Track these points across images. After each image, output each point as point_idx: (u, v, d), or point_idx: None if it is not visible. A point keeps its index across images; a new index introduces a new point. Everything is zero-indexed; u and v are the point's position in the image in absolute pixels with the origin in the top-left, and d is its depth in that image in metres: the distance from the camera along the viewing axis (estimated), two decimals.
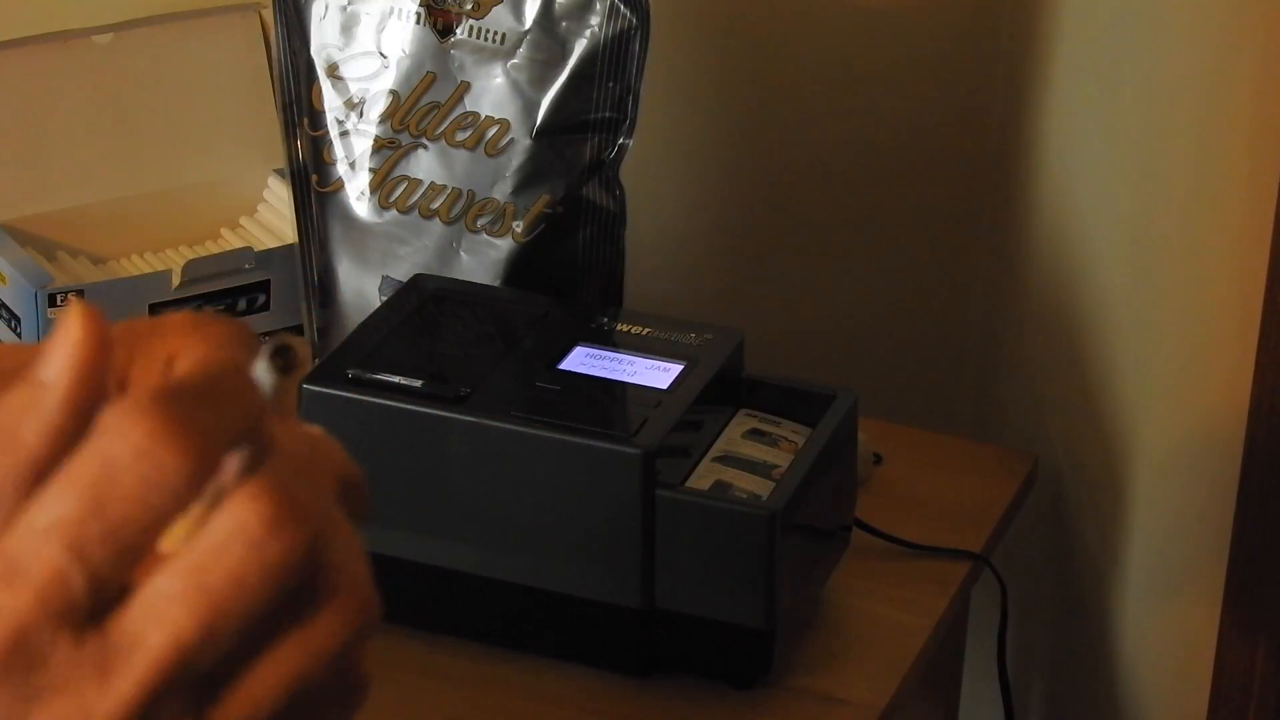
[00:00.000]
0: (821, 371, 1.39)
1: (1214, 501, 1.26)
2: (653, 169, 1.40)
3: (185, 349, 0.44)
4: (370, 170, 1.24)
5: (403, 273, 1.23)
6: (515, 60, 1.21)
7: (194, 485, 0.40)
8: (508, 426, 1.04)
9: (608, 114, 1.21)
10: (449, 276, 1.22)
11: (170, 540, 0.41)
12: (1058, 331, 1.34)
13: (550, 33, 1.20)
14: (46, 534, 0.40)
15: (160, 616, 0.40)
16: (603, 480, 1.03)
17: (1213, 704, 1.29)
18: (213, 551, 0.40)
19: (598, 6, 1.19)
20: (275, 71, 1.28)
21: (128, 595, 0.41)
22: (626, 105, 1.20)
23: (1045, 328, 1.36)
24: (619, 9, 1.19)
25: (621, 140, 1.21)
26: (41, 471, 0.41)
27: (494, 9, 1.21)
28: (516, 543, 1.05)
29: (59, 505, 0.40)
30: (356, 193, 1.25)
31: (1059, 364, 1.35)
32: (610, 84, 1.20)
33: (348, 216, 1.25)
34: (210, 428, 0.41)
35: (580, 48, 1.20)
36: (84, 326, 0.41)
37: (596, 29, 1.19)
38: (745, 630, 1.04)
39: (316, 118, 1.25)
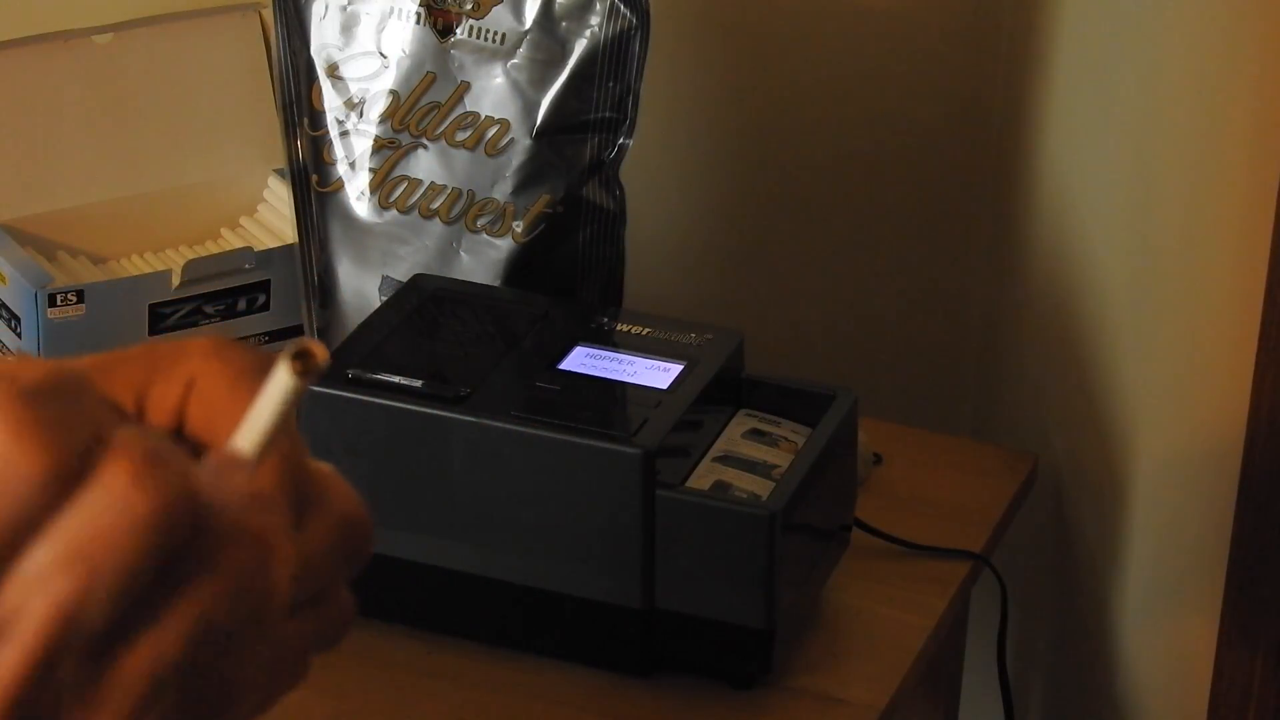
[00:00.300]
0: (821, 371, 1.39)
1: (1214, 502, 1.26)
2: (653, 169, 1.40)
3: (206, 373, 0.45)
4: (370, 170, 1.24)
5: (403, 273, 1.23)
6: (515, 60, 1.21)
7: (56, 483, 0.41)
8: (508, 426, 1.04)
9: (608, 114, 1.21)
10: (449, 276, 1.22)
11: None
12: (1058, 332, 1.34)
13: (550, 33, 1.20)
14: None
15: (40, 585, 0.41)
16: (603, 480, 1.03)
17: (1212, 704, 1.29)
18: (83, 515, 0.41)
19: (598, 6, 1.19)
20: (275, 71, 1.28)
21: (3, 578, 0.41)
22: (626, 105, 1.20)
23: (1045, 328, 1.36)
24: (619, 9, 1.19)
25: (621, 140, 1.21)
26: None
27: (494, 9, 1.21)
28: (516, 543, 1.05)
29: None
30: (356, 193, 1.25)
31: (1059, 364, 1.35)
32: (610, 84, 1.20)
33: (348, 216, 1.25)
34: (66, 424, 0.41)
35: (580, 48, 1.20)
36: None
37: (596, 29, 1.19)
38: (745, 630, 1.04)
39: (316, 118, 1.25)
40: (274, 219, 1.40)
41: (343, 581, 0.47)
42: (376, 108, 1.24)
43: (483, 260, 1.22)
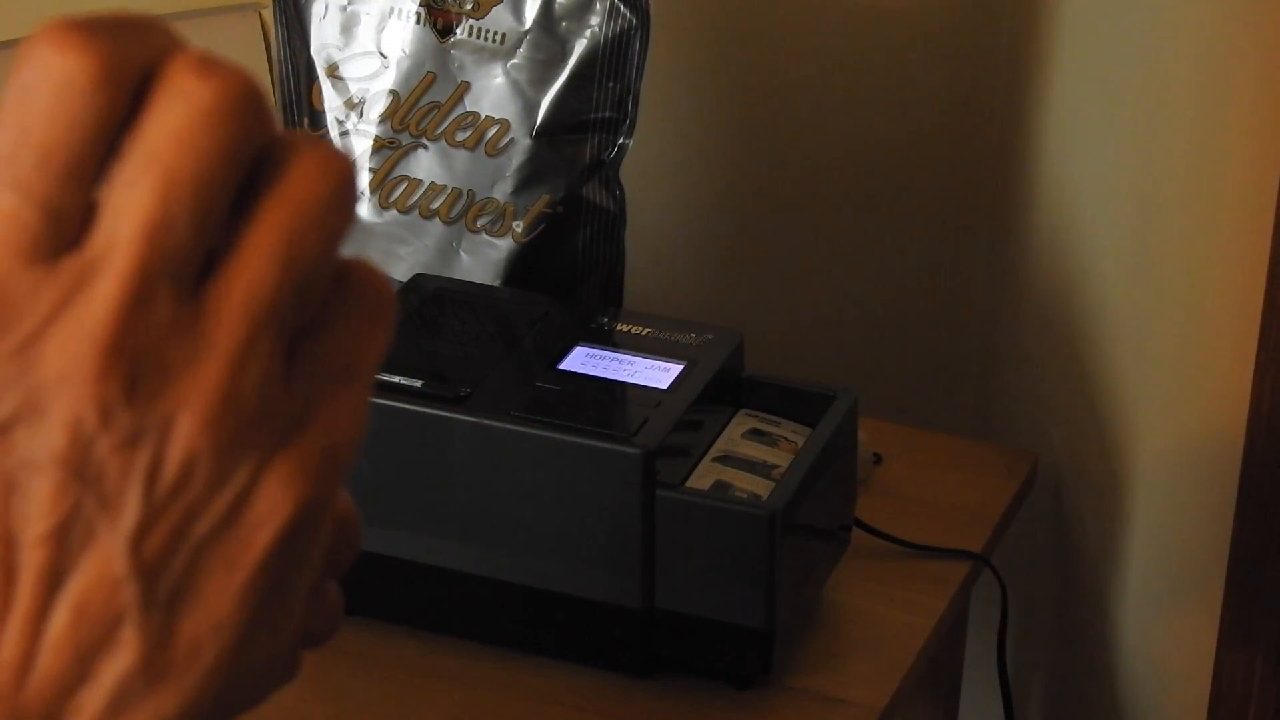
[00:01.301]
0: (821, 371, 1.39)
1: (1214, 502, 1.26)
2: (653, 169, 1.40)
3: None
4: (370, 170, 1.24)
5: (403, 273, 1.23)
6: (515, 60, 1.21)
7: (110, 87, 0.39)
8: (508, 426, 1.04)
9: (608, 114, 1.21)
10: (449, 276, 1.22)
11: None
12: (1058, 331, 1.34)
13: (550, 33, 1.20)
14: None
15: (123, 207, 0.39)
16: (603, 480, 1.03)
17: (1212, 703, 1.29)
18: (152, 124, 0.39)
19: (598, 6, 1.19)
20: (275, 71, 1.28)
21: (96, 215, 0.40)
22: (626, 105, 1.20)
23: (1045, 328, 1.36)
24: (619, 9, 1.19)
25: (621, 140, 1.21)
26: None
27: (494, 9, 1.21)
28: (516, 543, 1.05)
29: None
30: None
31: (1059, 364, 1.35)
32: (610, 84, 1.20)
33: None
34: (119, 37, 0.40)
35: (580, 48, 1.20)
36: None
37: (596, 29, 1.19)
38: (745, 630, 1.04)
39: (316, 118, 1.25)
40: None
41: (333, 575, 0.47)
42: (376, 108, 1.24)
43: (483, 260, 1.22)
